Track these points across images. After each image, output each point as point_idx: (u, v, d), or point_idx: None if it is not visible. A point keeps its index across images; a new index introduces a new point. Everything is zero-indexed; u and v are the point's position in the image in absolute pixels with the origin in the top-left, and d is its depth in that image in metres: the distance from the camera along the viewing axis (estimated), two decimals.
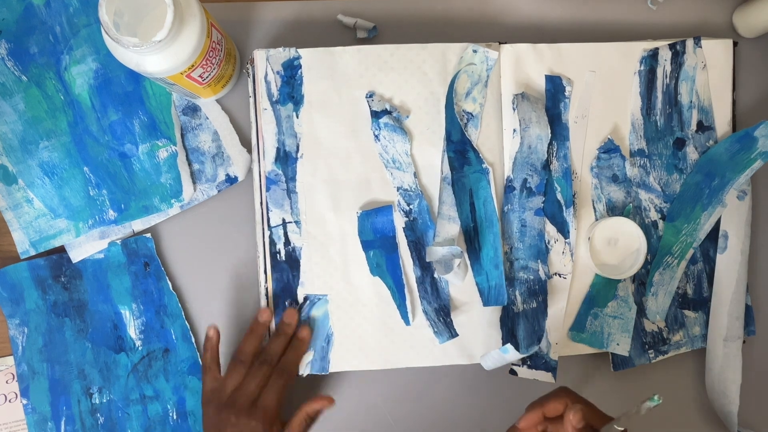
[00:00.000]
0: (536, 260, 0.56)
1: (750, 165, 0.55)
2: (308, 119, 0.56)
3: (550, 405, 0.45)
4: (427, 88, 0.56)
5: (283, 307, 0.56)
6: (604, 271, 0.56)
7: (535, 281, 0.56)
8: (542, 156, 0.55)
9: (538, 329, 0.55)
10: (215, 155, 0.58)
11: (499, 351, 0.52)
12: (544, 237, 0.56)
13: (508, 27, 0.60)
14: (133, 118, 0.57)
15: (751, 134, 0.56)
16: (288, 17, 0.59)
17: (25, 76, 0.56)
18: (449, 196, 0.55)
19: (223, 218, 0.58)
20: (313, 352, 0.56)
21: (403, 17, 0.60)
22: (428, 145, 0.56)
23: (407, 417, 0.59)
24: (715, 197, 0.56)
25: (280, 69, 0.55)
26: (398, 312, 0.56)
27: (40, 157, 0.56)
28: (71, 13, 0.57)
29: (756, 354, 0.61)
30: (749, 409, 0.59)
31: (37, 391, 0.56)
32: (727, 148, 0.57)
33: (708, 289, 0.59)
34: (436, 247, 0.52)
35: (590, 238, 0.56)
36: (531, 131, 0.55)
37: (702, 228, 0.57)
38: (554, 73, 0.57)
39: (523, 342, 0.55)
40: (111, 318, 0.57)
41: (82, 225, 0.56)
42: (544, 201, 0.56)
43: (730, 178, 0.56)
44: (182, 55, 0.46)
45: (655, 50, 0.58)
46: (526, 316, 0.56)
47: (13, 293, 0.56)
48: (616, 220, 0.56)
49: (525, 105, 0.55)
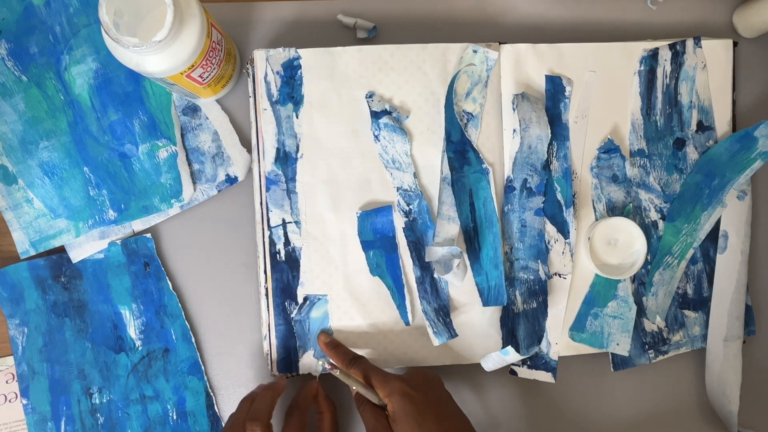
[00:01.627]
0: (536, 260, 0.56)
1: (750, 165, 0.55)
2: (308, 119, 0.56)
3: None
4: (427, 88, 0.56)
5: (283, 307, 0.56)
6: (604, 272, 0.56)
7: (536, 281, 0.56)
8: (542, 156, 0.55)
9: (539, 329, 0.55)
10: (215, 155, 0.58)
11: (499, 353, 0.52)
12: (544, 237, 0.56)
13: (508, 27, 0.60)
14: (133, 118, 0.57)
15: (751, 134, 0.56)
16: (288, 17, 0.59)
17: (25, 76, 0.56)
18: (449, 197, 0.55)
19: (223, 218, 0.58)
20: (314, 351, 0.56)
21: (403, 17, 0.60)
22: (428, 145, 0.56)
23: None
24: (715, 197, 0.56)
25: (280, 69, 0.55)
26: (398, 312, 0.56)
27: (40, 157, 0.56)
28: (71, 13, 0.57)
29: (756, 354, 0.61)
30: (749, 409, 0.59)
31: (37, 391, 0.56)
32: (727, 148, 0.57)
33: (708, 289, 0.59)
34: (436, 247, 0.52)
35: (590, 239, 0.56)
36: (531, 131, 0.55)
37: (702, 228, 0.57)
38: (554, 73, 0.57)
39: (524, 342, 0.55)
40: (111, 318, 0.57)
41: (82, 225, 0.56)
42: (544, 201, 0.56)
43: (730, 178, 0.56)
44: (182, 55, 0.46)
45: (655, 50, 0.58)
46: (526, 317, 0.56)
47: (13, 293, 0.56)
48: (616, 220, 0.56)
49: (525, 105, 0.55)
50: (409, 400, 0.47)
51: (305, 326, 0.56)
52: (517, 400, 0.59)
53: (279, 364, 0.56)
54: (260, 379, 0.58)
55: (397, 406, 0.47)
